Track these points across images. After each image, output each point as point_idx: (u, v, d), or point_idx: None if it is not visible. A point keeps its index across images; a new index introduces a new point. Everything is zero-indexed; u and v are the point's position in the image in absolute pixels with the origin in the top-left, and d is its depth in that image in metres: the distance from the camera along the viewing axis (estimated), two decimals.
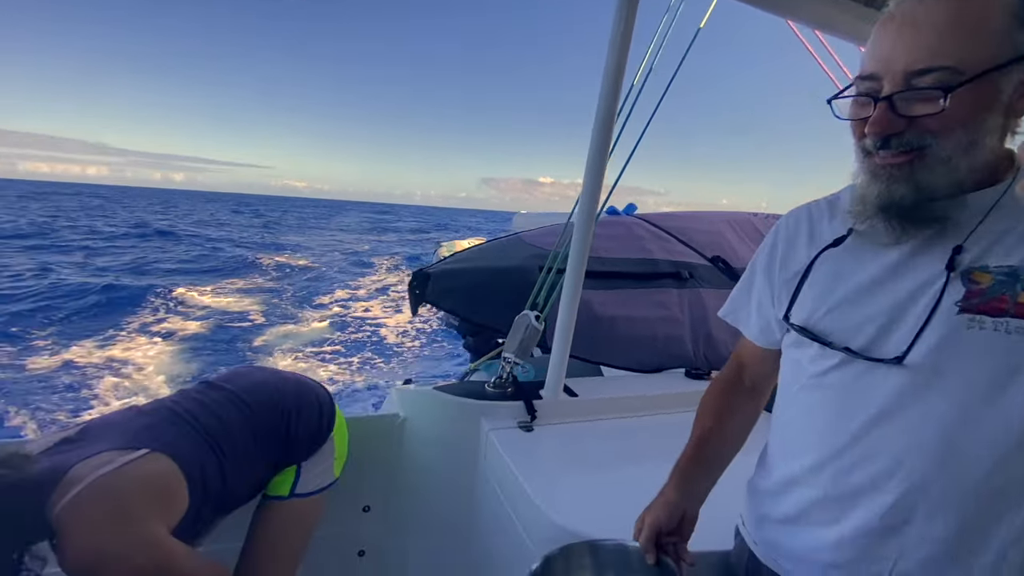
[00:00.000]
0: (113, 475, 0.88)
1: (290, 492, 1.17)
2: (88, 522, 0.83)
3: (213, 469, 1.02)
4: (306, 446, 1.20)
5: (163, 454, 0.95)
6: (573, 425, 1.48)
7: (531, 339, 1.54)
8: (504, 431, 1.38)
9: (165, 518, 0.92)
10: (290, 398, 1.19)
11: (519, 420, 1.44)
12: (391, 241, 31.79)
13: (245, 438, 1.09)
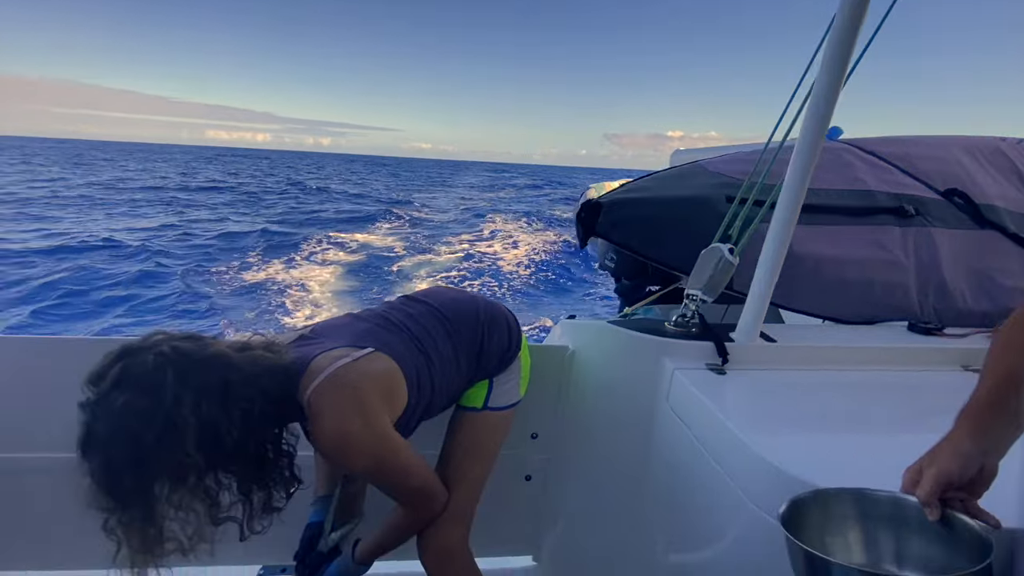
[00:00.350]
0: (350, 367, 0.96)
1: (484, 404, 1.21)
2: (334, 407, 0.93)
3: (425, 374, 1.07)
4: (497, 361, 1.22)
5: (386, 354, 1.01)
6: (774, 373, 1.31)
7: (722, 275, 1.36)
8: (692, 371, 1.26)
9: (390, 413, 0.99)
10: (484, 314, 1.22)
11: (707, 362, 1.30)
12: (509, 198, 33.23)
13: (447, 348, 1.14)
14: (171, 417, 0.79)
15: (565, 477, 1.64)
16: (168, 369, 0.81)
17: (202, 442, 0.82)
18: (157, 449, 0.79)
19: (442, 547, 1.14)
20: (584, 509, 1.61)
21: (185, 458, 0.81)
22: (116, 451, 0.78)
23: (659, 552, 1.30)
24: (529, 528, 1.74)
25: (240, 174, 44.09)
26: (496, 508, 1.25)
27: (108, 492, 0.80)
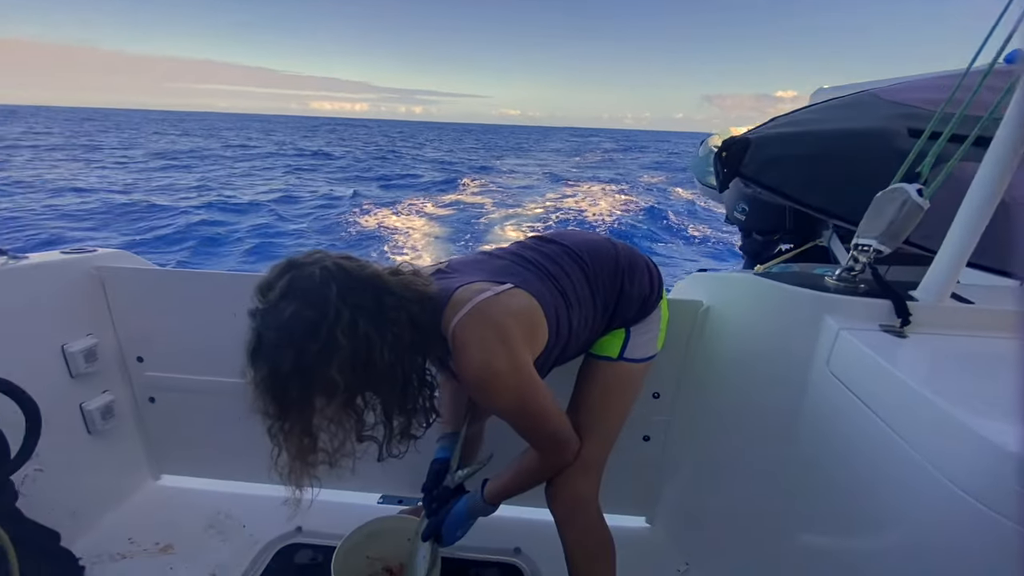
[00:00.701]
0: (493, 301, 0.92)
1: (619, 354, 1.14)
2: (480, 340, 0.90)
3: (563, 314, 1.02)
4: (637, 309, 1.14)
5: (525, 291, 0.96)
6: (969, 340, 1.08)
7: (907, 220, 1.13)
8: (863, 332, 1.07)
9: (531, 351, 0.95)
10: (623, 258, 1.13)
11: (882, 323, 1.11)
12: (594, 162, 33.14)
13: (585, 291, 1.07)
14: (332, 331, 0.80)
15: (687, 440, 1.54)
16: (332, 283, 0.81)
17: (357, 359, 0.83)
18: (318, 361, 0.81)
19: (573, 496, 1.10)
20: (707, 474, 1.50)
21: (341, 373, 0.82)
22: (282, 360, 0.80)
23: (804, 526, 1.17)
24: (644, 489, 1.67)
25: (346, 142, 47.95)
26: (611, 466, 1.19)
27: (273, 398, 0.83)
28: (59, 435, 1.35)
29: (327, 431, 0.89)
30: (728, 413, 1.39)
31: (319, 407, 0.85)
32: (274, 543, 1.54)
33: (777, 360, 1.23)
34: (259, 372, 0.82)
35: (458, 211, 14.61)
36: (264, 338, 0.81)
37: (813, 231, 2.23)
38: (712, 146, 3.00)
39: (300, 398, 0.83)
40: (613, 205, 15.75)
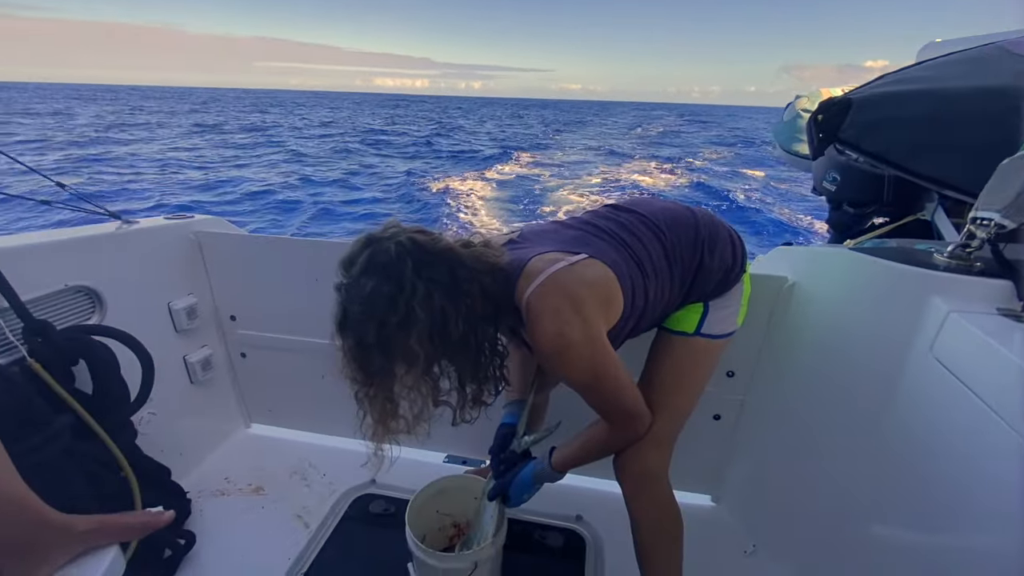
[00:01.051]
0: (568, 271, 0.92)
1: (695, 330, 1.10)
2: (554, 311, 0.89)
3: (639, 285, 1.00)
4: (717, 282, 1.09)
5: (600, 261, 0.94)
6: None
7: None
8: (977, 316, 0.97)
9: (605, 322, 0.94)
10: (704, 228, 1.08)
11: (1000, 306, 0.99)
12: (654, 135, 32.01)
13: (662, 262, 1.04)
14: (410, 304, 0.84)
15: (761, 421, 1.48)
16: (408, 258, 0.85)
17: (433, 330, 0.86)
18: (398, 332, 0.85)
19: (642, 470, 1.10)
20: (781, 457, 1.44)
21: (419, 343, 0.85)
22: (366, 331, 0.85)
23: (887, 519, 1.10)
24: (711, 468, 1.63)
25: (408, 117, 48.97)
26: (678, 444, 1.17)
27: (359, 367, 0.89)
28: (167, 384, 1.50)
29: (407, 398, 0.94)
30: (810, 396, 1.32)
31: (399, 374, 0.90)
32: (350, 492, 1.65)
33: (870, 342, 1.14)
34: (346, 342, 0.88)
35: (517, 178, 15.41)
36: (349, 311, 0.86)
37: (914, 203, 2.02)
38: (800, 109, 2.76)
39: (382, 366, 0.88)
40: (668, 181, 15.66)
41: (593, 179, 15.57)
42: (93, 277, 1.36)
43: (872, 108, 1.27)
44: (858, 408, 1.18)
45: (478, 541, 1.22)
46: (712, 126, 44.73)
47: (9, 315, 1.14)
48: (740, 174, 16.98)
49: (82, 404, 1.17)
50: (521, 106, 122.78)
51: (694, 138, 31.99)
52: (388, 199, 12.55)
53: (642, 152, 23.91)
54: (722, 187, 13.73)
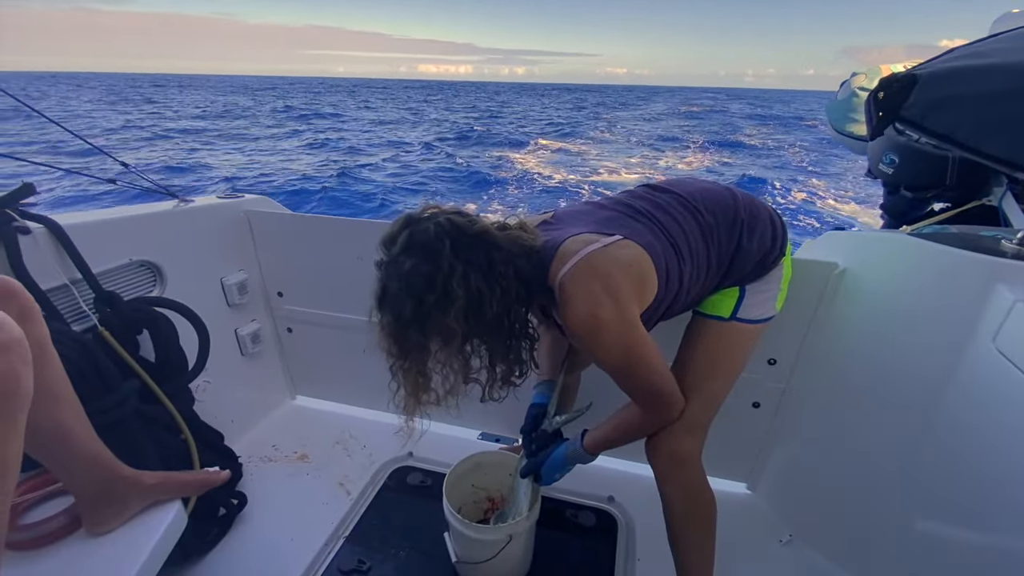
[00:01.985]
0: (602, 252, 0.92)
1: (731, 314, 1.08)
2: (588, 292, 0.90)
3: (674, 266, 0.99)
4: (755, 264, 1.06)
5: (634, 242, 0.94)
6: None
7: None
8: None
9: (639, 304, 0.94)
10: (744, 210, 1.05)
11: None
12: (694, 122, 30.67)
13: (699, 244, 1.02)
14: (447, 283, 0.85)
15: (803, 411, 1.44)
16: (446, 239, 0.86)
17: (469, 309, 0.88)
18: (434, 310, 0.87)
19: (674, 453, 1.09)
20: (823, 448, 1.40)
21: (455, 321, 0.88)
22: (404, 308, 0.87)
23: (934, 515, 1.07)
24: (748, 456, 1.61)
25: (453, 101, 49.05)
26: (714, 430, 1.16)
27: (395, 341, 0.92)
28: (220, 354, 1.58)
29: (439, 373, 0.97)
30: (857, 387, 1.27)
31: (434, 351, 0.93)
32: (389, 464, 1.72)
33: (926, 332, 1.09)
34: (384, 317, 0.91)
35: (556, 160, 15.78)
36: (388, 288, 0.89)
37: (980, 188, 1.90)
38: (856, 87, 2.61)
39: (417, 342, 0.91)
40: (707, 164, 15.46)
41: (632, 159, 15.71)
42: (154, 252, 1.44)
43: (939, 84, 1.18)
44: (910, 401, 1.13)
45: (513, 516, 1.25)
46: (751, 116, 42.16)
47: (82, 286, 1.22)
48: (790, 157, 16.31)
49: (146, 371, 1.25)
50: (564, 90, 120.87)
51: (751, 122, 30.72)
52: (429, 178, 12.71)
53: (682, 136, 23.37)
54: (761, 179, 13.16)
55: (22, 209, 1.19)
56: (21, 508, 0.98)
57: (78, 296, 1.21)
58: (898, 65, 2.56)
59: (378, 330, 0.94)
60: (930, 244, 1.07)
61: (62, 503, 1.00)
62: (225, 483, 1.16)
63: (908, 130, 1.27)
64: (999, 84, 1.16)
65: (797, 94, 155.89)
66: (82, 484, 0.90)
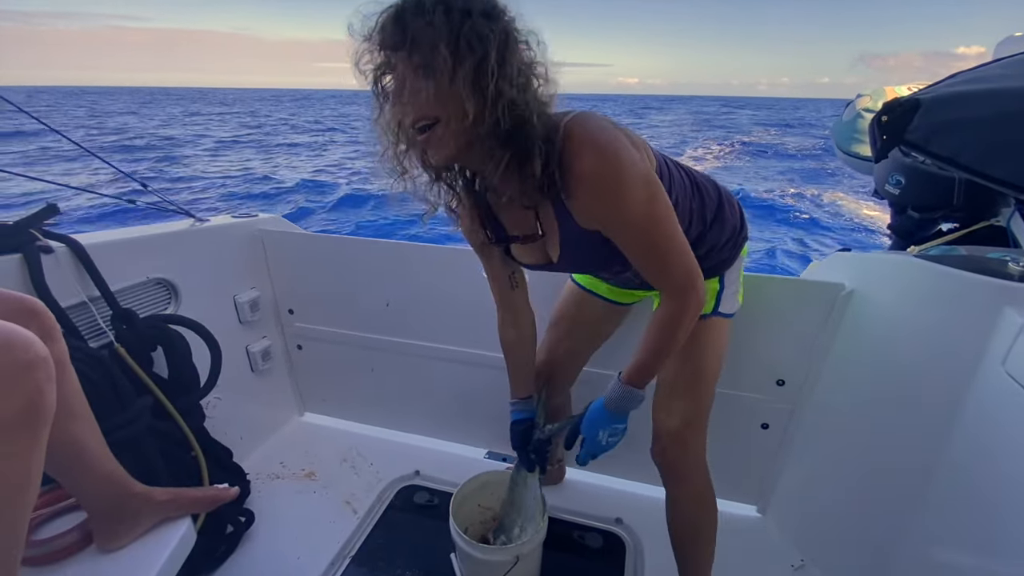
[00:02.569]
0: (598, 114, 0.86)
1: (713, 309, 1.09)
2: (600, 128, 0.81)
3: (665, 176, 0.95)
4: (730, 242, 1.08)
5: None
6: None
7: None
8: None
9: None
10: (721, 186, 1.10)
11: None
12: (701, 132, 30.13)
13: (686, 188, 1.01)
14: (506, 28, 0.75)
15: (813, 433, 1.43)
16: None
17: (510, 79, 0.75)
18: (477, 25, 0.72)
19: (684, 451, 1.09)
20: (834, 471, 1.39)
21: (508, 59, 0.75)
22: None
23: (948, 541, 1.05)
24: (756, 478, 1.59)
25: None
26: (723, 451, 1.15)
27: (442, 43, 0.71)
28: (231, 371, 1.60)
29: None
30: (867, 409, 1.27)
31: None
32: (396, 482, 1.71)
33: (935, 355, 1.09)
34: (436, 50, 0.70)
35: None
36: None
37: (988, 208, 1.90)
38: (861, 108, 2.63)
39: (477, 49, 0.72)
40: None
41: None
42: (170, 270, 1.47)
43: (942, 108, 1.20)
44: (920, 424, 1.13)
45: (520, 525, 1.23)
46: (758, 123, 42.04)
47: (100, 303, 1.25)
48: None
49: (159, 387, 1.27)
50: (573, 100, 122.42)
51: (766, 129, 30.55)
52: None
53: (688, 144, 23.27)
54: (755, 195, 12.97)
55: (45, 229, 1.23)
56: (34, 523, 1.00)
57: (96, 313, 1.24)
58: (903, 87, 2.59)
59: (404, 78, 0.74)
60: (937, 266, 1.08)
61: (74, 519, 1.01)
62: (235, 499, 1.17)
63: (913, 152, 1.29)
64: (1002, 108, 1.18)
65: (806, 102, 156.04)
66: (95, 500, 0.91)
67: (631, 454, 1.20)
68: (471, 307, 1.59)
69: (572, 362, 1.41)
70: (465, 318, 1.65)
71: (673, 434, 1.09)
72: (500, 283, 1.16)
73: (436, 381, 1.80)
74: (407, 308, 1.71)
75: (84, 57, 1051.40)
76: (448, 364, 1.74)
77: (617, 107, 71.62)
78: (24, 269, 1.12)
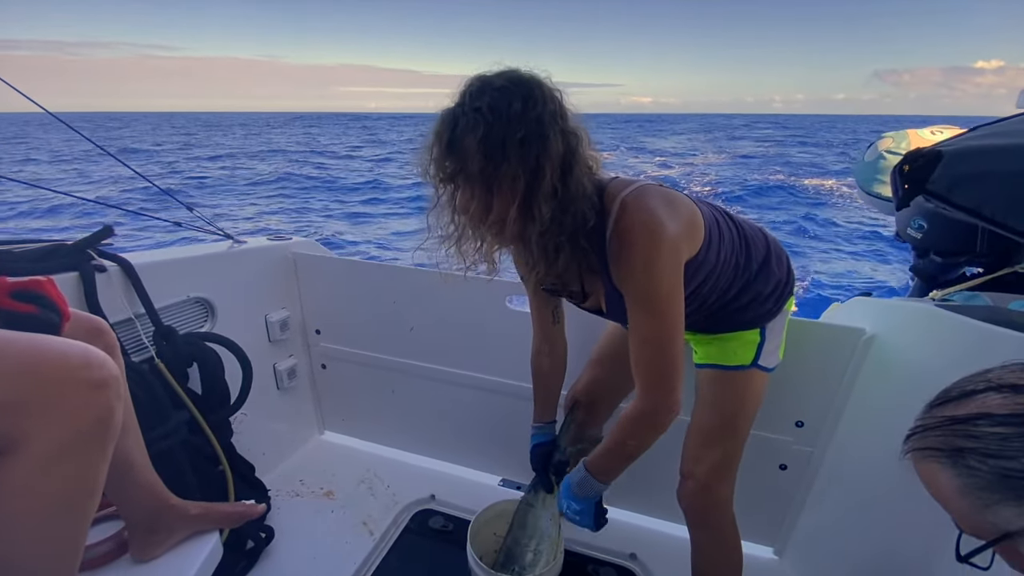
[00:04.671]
0: (655, 186, 0.92)
1: (752, 361, 1.10)
2: (650, 208, 0.87)
3: (716, 240, 0.99)
4: (774, 295, 1.09)
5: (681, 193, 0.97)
6: None
7: None
8: None
9: (689, 244, 0.94)
10: (770, 237, 1.12)
11: None
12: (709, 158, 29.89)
13: (734, 241, 1.04)
14: (542, 121, 0.80)
15: (831, 475, 1.42)
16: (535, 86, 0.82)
17: (551, 167, 0.81)
18: (530, 140, 0.79)
19: (709, 497, 1.10)
20: (853, 516, 1.37)
21: (541, 166, 0.81)
22: (492, 138, 0.78)
23: None
24: (774, 519, 1.58)
25: None
26: (740, 490, 1.16)
27: (482, 180, 0.81)
28: (259, 388, 1.65)
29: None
30: (887, 457, 1.25)
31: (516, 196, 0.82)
32: (412, 506, 1.73)
33: None
34: (471, 159, 0.79)
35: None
36: (467, 129, 0.79)
37: (1012, 256, 1.89)
38: (883, 150, 2.65)
39: (509, 181, 0.80)
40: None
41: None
42: (208, 289, 1.55)
43: (965, 161, 1.23)
44: None
45: (535, 549, 1.24)
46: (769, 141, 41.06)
47: (143, 320, 1.32)
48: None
49: (193, 403, 1.33)
50: (590, 120, 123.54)
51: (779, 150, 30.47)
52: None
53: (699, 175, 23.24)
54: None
55: (100, 249, 1.31)
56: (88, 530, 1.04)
57: (140, 329, 1.30)
58: (925, 131, 2.61)
59: (460, 179, 0.83)
60: (961, 317, 1.09)
61: (109, 528, 1.06)
62: (262, 515, 1.20)
63: (934, 201, 1.31)
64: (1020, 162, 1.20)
65: (823, 119, 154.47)
66: (135, 511, 0.95)
67: (648, 489, 1.21)
68: (493, 336, 1.63)
69: (611, 398, 1.43)
70: (486, 346, 1.69)
71: (700, 481, 1.11)
72: (543, 316, 1.24)
73: (454, 406, 1.83)
74: (430, 333, 1.76)
75: (113, 84, 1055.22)
76: (467, 390, 1.78)
77: (630, 127, 71.96)
78: (80, 286, 1.20)
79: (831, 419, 1.39)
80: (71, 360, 0.62)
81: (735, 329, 1.11)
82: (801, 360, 1.36)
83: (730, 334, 1.11)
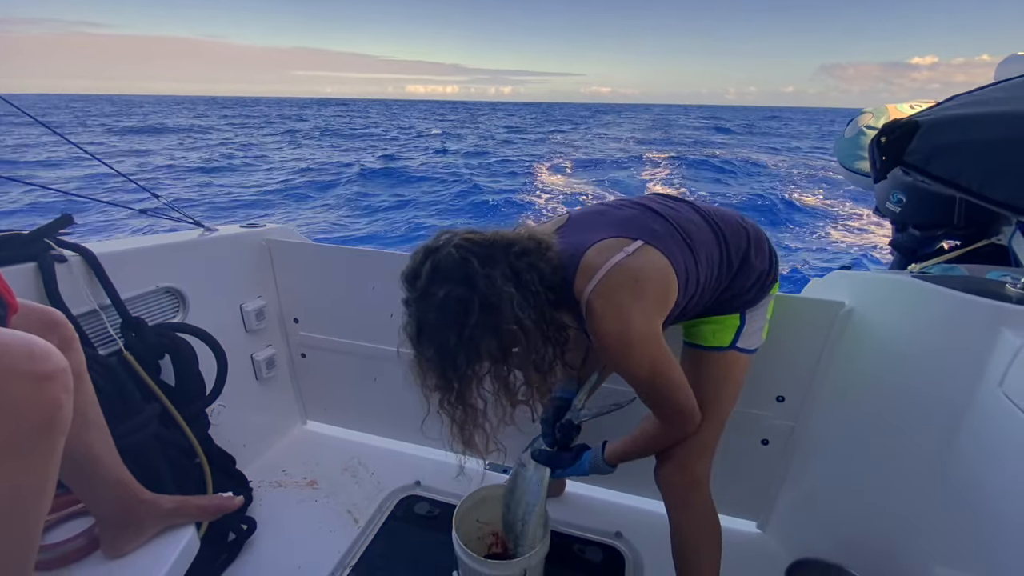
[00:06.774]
0: (627, 264, 0.91)
1: (731, 343, 1.10)
2: (616, 307, 0.90)
3: (692, 272, 0.99)
4: (756, 286, 1.08)
5: (655, 248, 0.94)
6: None
7: None
8: None
9: (661, 313, 0.95)
10: (751, 229, 1.10)
11: None
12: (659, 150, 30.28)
13: (712, 249, 1.03)
14: (485, 302, 0.84)
15: (812, 449, 1.44)
16: (471, 258, 0.85)
17: (509, 323, 0.86)
18: (478, 332, 0.85)
19: (687, 478, 1.11)
20: (833, 489, 1.39)
21: (497, 339, 0.86)
22: (447, 337, 0.85)
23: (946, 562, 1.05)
24: (756, 493, 1.60)
25: (458, 127, 49.30)
26: (723, 466, 1.16)
27: (442, 374, 0.89)
28: (236, 379, 1.61)
29: (489, 399, 0.95)
30: (866, 428, 1.27)
31: (480, 375, 0.92)
32: (397, 492, 1.72)
33: (933, 375, 1.10)
34: (425, 352, 0.89)
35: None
36: (424, 322, 0.88)
37: (989, 227, 1.91)
38: (863, 126, 2.65)
39: (465, 369, 0.89)
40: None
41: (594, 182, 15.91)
42: (179, 279, 1.50)
43: (942, 131, 1.22)
44: (919, 444, 1.13)
45: (522, 520, 1.23)
46: (727, 130, 41.04)
47: (110, 311, 1.28)
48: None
49: (166, 395, 1.29)
50: (546, 109, 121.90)
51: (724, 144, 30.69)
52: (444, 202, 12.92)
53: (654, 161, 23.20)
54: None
55: (59, 238, 1.25)
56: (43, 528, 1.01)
57: (106, 321, 1.26)
58: (904, 105, 2.61)
59: (417, 367, 0.93)
60: (935, 287, 1.09)
61: (81, 524, 1.03)
62: (240, 507, 1.18)
63: (912, 173, 1.30)
64: (1001, 132, 1.19)
65: (773, 111, 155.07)
66: (104, 507, 0.92)
67: (633, 468, 1.21)
68: None
69: None
70: None
71: (677, 461, 1.11)
72: None
73: None
74: None
75: (53, 64, 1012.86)
76: None
77: (587, 114, 71.87)
78: (38, 277, 1.15)
79: (811, 393, 1.40)
80: (12, 351, 0.59)
81: (715, 315, 1.11)
82: (781, 336, 1.36)
83: (710, 318, 1.11)
